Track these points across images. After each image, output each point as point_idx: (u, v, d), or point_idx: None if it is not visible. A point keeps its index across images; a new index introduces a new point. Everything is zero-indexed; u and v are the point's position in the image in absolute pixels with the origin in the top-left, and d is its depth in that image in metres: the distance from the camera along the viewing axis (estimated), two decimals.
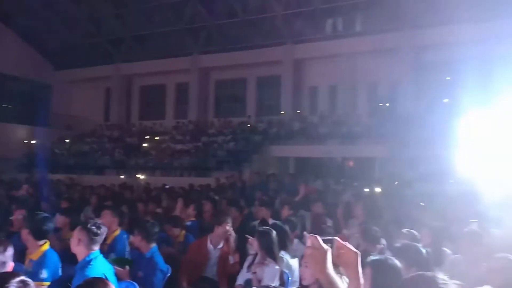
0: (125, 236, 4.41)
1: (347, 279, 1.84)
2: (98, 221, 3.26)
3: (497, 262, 2.94)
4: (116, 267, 3.37)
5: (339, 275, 1.73)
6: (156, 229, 3.99)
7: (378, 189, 9.84)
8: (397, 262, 2.52)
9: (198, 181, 12.98)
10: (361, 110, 15.64)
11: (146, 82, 21.44)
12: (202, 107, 19.54)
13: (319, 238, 1.65)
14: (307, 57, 17.35)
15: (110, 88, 21.55)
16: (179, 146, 16.57)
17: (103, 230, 3.18)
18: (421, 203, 6.44)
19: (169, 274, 3.90)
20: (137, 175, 14.62)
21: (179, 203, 5.94)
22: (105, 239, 3.45)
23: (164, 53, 19.66)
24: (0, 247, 2.55)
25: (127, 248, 4.34)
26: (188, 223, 5.71)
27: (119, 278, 3.35)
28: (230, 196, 9.35)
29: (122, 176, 14.26)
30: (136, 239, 3.92)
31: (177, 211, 5.82)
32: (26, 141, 18.38)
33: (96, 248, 3.09)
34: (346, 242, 1.82)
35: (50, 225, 3.62)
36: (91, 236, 3.05)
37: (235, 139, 16.19)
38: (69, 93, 22.08)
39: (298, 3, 16.58)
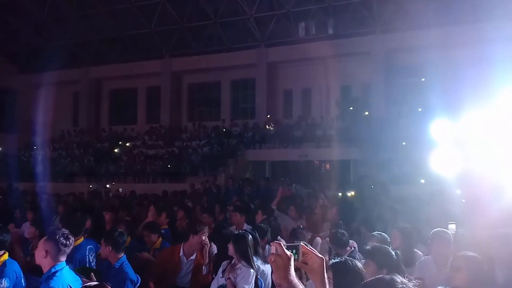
0: (89, 246, 4.31)
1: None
2: (65, 231, 3.16)
3: (459, 260, 3.04)
4: (82, 277, 3.29)
5: (301, 280, 1.74)
6: (125, 238, 3.93)
7: (352, 192, 10.01)
8: (358, 264, 2.58)
9: (172, 187, 12.84)
10: (334, 113, 15.89)
11: (116, 85, 21.06)
12: (175, 111, 19.36)
13: (283, 244, 1.66)
14: (280, 60, 17.51)
15: (79, 92, 21.06)
16: (152, 152, 16.35)
17: (72, 241, 3.11)
18: (393, 205, 6.57)
19: (139, 284, 3.84)
20: (107, 182, 14.32)
21: (151, 211, 5.85)
22: None
23: (134, 56, 19.42)
24: None
25: (91, 258, 4.24)
26: (162, 231, 5.63)
27: None
28: (205, 202, 9.32)
29: (90, 186, 13.92)
30: (104, 250, 3.83)
31: (149, 219, 5.73)
32: None
33: (63, 259, 3.02)
34: (312, 248, 1.84)
35: (6, 236, 3.50)
36: (60, 247, 2.98)
37: (209, 144, 16.13)
38: (35, 98, 21.36)
39: (270, 6, 16.73)
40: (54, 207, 8.08)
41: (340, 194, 9.68)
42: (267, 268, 3.87)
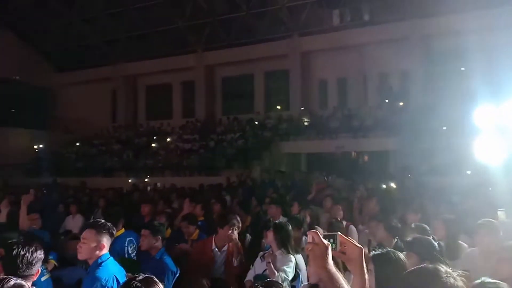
0: (129, 238, 4.48)
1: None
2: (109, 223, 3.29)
3: (506, 251, 2.93)
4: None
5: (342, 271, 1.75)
6: (164, 230, 4.05)
7: (392, 184, 9.81)
8: (400, 255, 2.54)
9: (208, 180, 13.07)
10: (372, 102, 15.55)
11: (151, 81, 21.57)
12: (209, 105, 19.62)
13: (320, 234, 1.66)
14: (314, 50, 17.30)
15: (116, 89, 21.73)
16: (187, 146, 16.67)
17: (115, 232, 3.26)
18: (435, 196, 6.41)
19: (178, 274, 3.95)
20: (145, 177, 14.75)
21: (186, 203, 6.01)
22: None
23: (168, 51, 19.73)
24: (31, 247, 2.62)
25: (130, 249, 4.41)
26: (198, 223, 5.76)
27: None
28: (241, 195, 9.44)
29: (129, 180, 14.39)
30: (145, 241, 3.98)
31: (185, 211, 5.89)
32: (36, 146, 18.61)
33: (107, 250, 3.15)
34: (350, 237, 1.84)
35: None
36: (109, 238, 3.12)
37: (244, 137, 16.23)
38: (72, 95, 22.26)
39: None
40: (95, 201, 8.43)
41: (383, 185, 9.51)
42: (300, 259, 3.91)
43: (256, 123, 17.12)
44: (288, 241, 3.84)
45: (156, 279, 2.13)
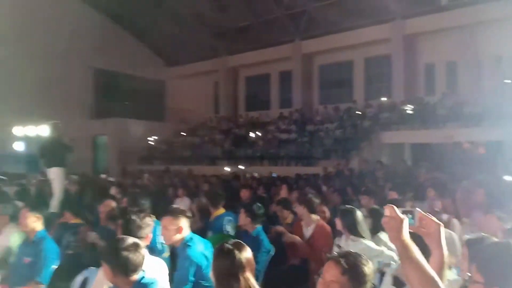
0: (228, 217, 5.04)
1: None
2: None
3: None
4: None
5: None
6: (261, 211, 4.51)
7: (506, 177, 9.12)
8: (495, 240, 2.59)
9: (305, 170, 13.40)
10: (486, 88, 14.37)
11: (250, 72, 22.54)
12: (306, 95, 19.89)
13: (396, 208, 1.85)
14: (420, 32, 16.48)
15: (218, 81, 23.12)
16: (284, 136, 17.18)
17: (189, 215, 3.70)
18: None
19: (272, 254, 4.38)
20: (245, 165, 15.63)
21: (283, 189, 6.43)
22: None
23: (267, 42, 20.39)
24: (141, 214, 3.25)
25: (228, 227, 4.95)
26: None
27: None
28: (337, 185, 9.61)
29: (226, 168, 15.39)
30: (242, 219, 4.48)
31: (282, 196, 6.31)
32: (149, 136, 20.80)
33: (188, 231, 3.57)
34: (428, 214, 2.00)
35: None
36: (185, 220, 3.57)
37: (342, 126, 16.22)
38: (181, 88, 24.31)
39: None
40: (200, 185, 9.34)
41: (495, 177, 8.88)
42: (372, 244, 3.91)
43: (356, 112, 16.95)
44: (356, 226, 3.82)
45: (244, 244, 2.53)
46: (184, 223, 3.49)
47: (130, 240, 2.67)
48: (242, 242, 2.58)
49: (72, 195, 8.18)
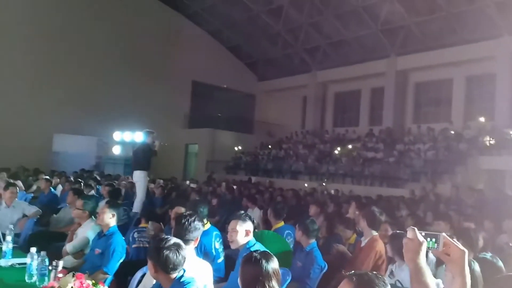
0: (287, 231, 5.12)
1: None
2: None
3: None
4: None
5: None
6: (315, 227, 4.51)
7: None
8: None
9: (389, 191, 12.90)
10: None
11: (340, 88, 22.33)
12: (398, 113, 19.13)
13: (417, 231, 1.83)
14: None
15: (306, 96, 23.26)
16: (371, 154, 16.68)
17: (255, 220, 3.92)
18: None
19: (325, 270, 4.35)
20: (326, 182, 15.48)
21: (352, 207, 6.30)
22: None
23: (359, 57, 20.08)
24: (191, 218, 3.52)
25: (289, 240, 5.02)
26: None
27: None
28: (421, 211, 9.08)
29: (306, 184, 15.36)
30: (297, 234, 4.54)
31: (350, 214, 6.20)
32: (236, 147, 21.64)
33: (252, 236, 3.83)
34: (454, 240, 1.93)
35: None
36: (251, 225, 3.81)
37: (435, 148, 15.30)
38: (269, 102, 24.93)
39: None
40: (274, 197, 9.51)
41: None
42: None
43: (452, 132, 15.87)
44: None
45: (272, 255, 2.62)
46: (250, 227, 3.78)
47: (173, 240, 2.90)
48: (270, 253, 2.66)
49: (153, 198, 8.86)
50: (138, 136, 11.13)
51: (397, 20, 17.90)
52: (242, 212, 3.92)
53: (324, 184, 14.86)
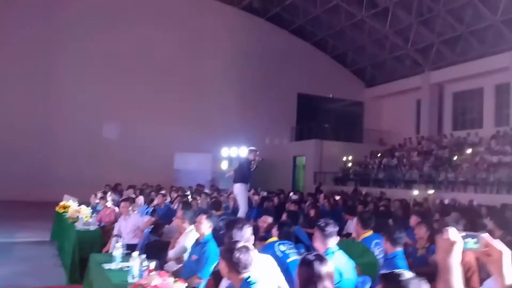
0: (375, 240, 5.07)
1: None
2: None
3: None
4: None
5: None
6: (400, 234, 4.44)
7: None
8: None
9: None
10: None
11: (459, 87, 20.74)
12: None
13: (455, 230, 1.88)
14: None
15: (420, 99, 22.06)
16: (496, 158, 15.16)
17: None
18: None
19: None
20: (444, 191, 14.49)
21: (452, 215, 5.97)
22: None
23: (478, 53, 18.53)
24: (245, 225, 3.84)
25: (377, 251, 4.97)
26: None
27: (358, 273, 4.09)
28: None
29: (415, 192, 14.51)
30: (383, 241, 4.52)
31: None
32: (345, 157, 21.42)
33: (331, 244, 3.94)
34: (494, 240, 1.92)
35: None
36: (326, 235, 3.96)
37: None
38: (379, 108, 24.17)
39: None
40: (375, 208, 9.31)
41: None
42: None
43: None
44: None
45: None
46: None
47: (242, 243, 3.23)
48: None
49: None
50: (242, 151, 11.84)
51: None
52: (322, 222, 4.11)
53: (430, 193, 13.93)
